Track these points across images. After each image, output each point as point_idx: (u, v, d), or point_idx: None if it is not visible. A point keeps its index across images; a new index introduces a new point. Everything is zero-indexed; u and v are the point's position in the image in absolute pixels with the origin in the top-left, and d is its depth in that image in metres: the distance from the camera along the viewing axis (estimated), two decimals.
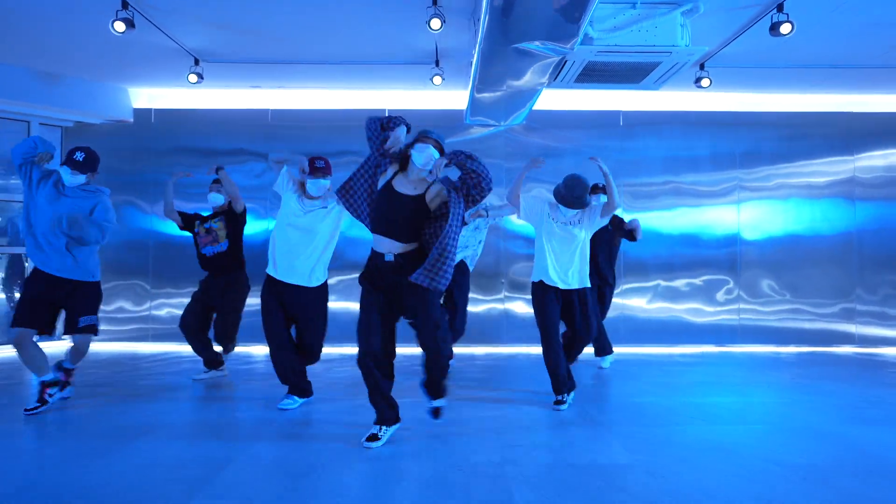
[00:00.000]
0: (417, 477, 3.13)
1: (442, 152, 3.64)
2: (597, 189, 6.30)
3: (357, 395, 4.97)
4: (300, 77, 7.07)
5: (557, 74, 5.59)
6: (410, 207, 3.54)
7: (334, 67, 6.66)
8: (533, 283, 4.72)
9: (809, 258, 7.79)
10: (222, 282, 5.46)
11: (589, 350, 6.02)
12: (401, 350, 3.82)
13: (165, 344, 7.66)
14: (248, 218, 5.68)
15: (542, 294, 4.63)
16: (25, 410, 4.29)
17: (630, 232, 5.84)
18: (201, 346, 5.53)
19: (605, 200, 4.88)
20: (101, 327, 7.69)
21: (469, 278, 5.81)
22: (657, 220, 7.80)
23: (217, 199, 5.49)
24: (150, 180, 7.72)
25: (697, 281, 7.83)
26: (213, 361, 5.58)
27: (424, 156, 3.56)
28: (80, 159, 4.33)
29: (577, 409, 4.58)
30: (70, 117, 7.44)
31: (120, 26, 4.82)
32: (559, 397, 4.60)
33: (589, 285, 4.75)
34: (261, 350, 7.36)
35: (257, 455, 3.47)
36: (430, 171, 3.62)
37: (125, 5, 4.87)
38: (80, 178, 4.38)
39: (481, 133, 7.82)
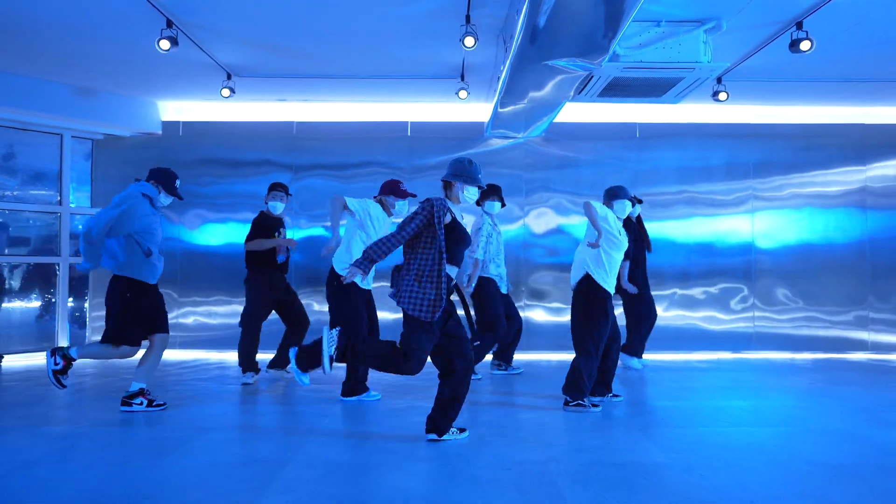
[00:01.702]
0: (471, 476, 3.29)
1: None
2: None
3: (399, 395, 5.15)
4: (326, 91, 7.27)
5: (582, 89, 5.79)
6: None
7: (360, 81, 6.87)
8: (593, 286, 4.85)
9: (823, 266, 7.95)
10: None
11: None
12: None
13: (193, 351, 7.83)
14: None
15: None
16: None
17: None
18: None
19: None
20: None
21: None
22: (673, 229, 7.98)
23: (279, 207, 5.97)
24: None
25: (713, 289, 7.99)
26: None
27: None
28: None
29: (606, 413, 4.75)
30: (101, 130, 7.65)
31: (165, 45, 5.02)
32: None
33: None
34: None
35: (313, 455, 3.64)
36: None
37: (169, 24, 5.07)
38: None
39: (500, 145, 8.01)
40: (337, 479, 3.23)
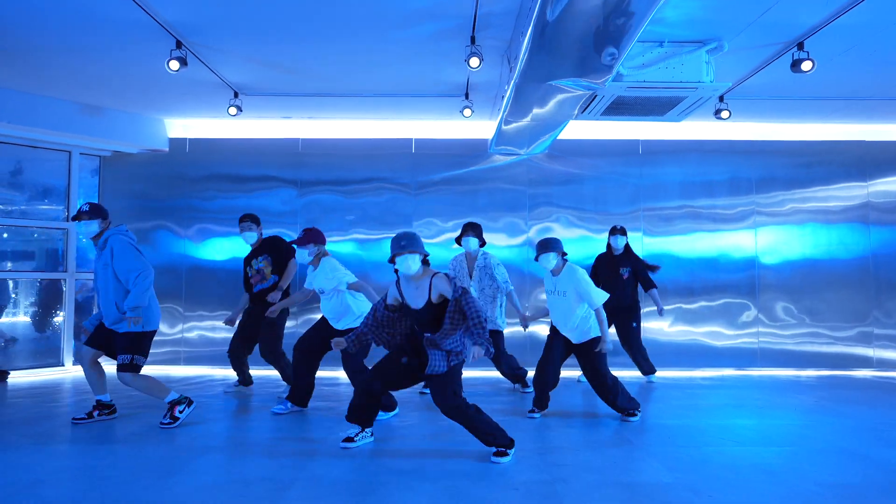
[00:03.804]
0: (478, 497, 3.30)
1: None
2: (615, 231, 6.63)
3: (405, 414, 5.16)
4: (331, 108, 7.33)
5: (586, 107, 5.83)
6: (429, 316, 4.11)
7: (365, 100, 6.93)
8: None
9: (827, 282, 7.96)
10: (261, 309, 5.98)
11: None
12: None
13: (197, 367, 7.84)
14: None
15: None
16: (73, 419, 4.95)
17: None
18: (239, 368, 6.37)
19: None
20: None
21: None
22: (676, 244, 8.00)
23: (251, 237, 6.13)
24: (184, 206, 7.96)
25: (716, 305, 8.00)
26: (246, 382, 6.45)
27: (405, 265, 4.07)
28: (86, 209, 4.81)
29: (612, 431, 4.75)
30: (108, 147, 7.72)
31: (175, 65, 5.07)
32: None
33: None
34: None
35: (318, 475, 3.65)
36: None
37: (179, 45, 5.13)
38: (93, 228, 4.82)
39: (504, 161, 8.06)
40: (343, 499, 3.24)
